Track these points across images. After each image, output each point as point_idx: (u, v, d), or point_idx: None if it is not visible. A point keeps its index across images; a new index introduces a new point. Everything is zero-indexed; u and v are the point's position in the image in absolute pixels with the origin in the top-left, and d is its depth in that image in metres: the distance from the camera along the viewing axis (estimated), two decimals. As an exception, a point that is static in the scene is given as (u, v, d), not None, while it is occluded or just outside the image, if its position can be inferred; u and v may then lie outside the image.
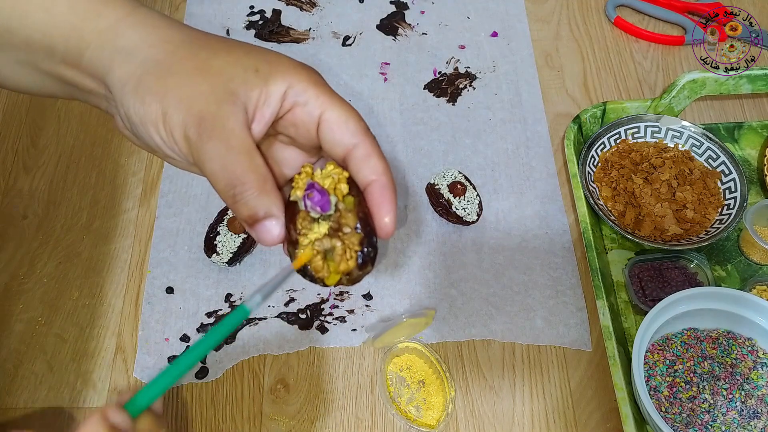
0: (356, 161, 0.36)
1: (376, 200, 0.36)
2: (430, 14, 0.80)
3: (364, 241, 0.35)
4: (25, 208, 0.67)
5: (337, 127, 0.36)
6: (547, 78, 0.75)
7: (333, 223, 0.36)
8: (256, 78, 0.35)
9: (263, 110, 0.35)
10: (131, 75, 0.35)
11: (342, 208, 0.36)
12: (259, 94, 0.35)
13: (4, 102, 0.74)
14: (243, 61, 0.36)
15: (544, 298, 0.62)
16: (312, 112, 0.36)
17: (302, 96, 0.36)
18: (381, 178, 0.36)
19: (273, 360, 0.59)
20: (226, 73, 0.35)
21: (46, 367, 0.59)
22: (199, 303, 0.61)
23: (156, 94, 0.34)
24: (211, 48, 0.36)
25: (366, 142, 0.36)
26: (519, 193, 0.67)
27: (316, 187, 0.36)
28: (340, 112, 0.36)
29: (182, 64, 0.35)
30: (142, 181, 0.68)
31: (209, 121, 0.34)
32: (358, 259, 0.35)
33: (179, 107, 0.34)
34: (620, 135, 0.68)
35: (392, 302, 0.61)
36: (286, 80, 0.36)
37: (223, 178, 0.34)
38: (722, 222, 0.63)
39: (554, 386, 0.58)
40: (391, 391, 0.57)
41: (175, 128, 0.34)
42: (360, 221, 0.36)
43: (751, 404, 0.54)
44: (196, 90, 0.34)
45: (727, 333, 0.57)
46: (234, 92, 0.35)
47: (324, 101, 0.36)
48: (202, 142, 0.34)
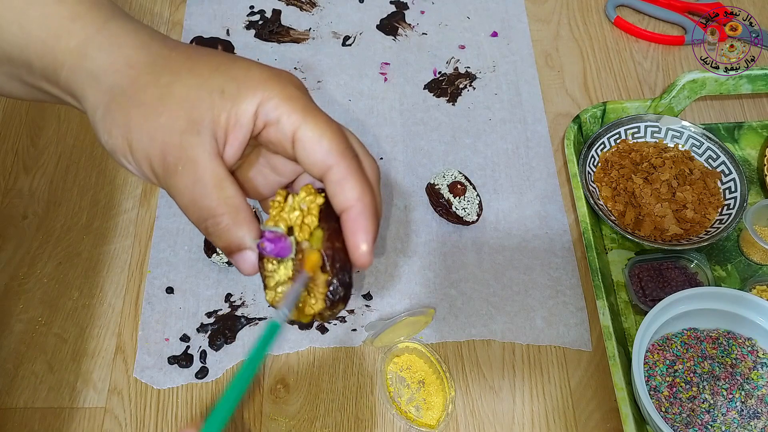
0: (331, 185, 0.34)
1: (350, 228, 0.34)
2: (430, 14, 0.80)
3: (332, 280, 0.33)
4: (25, 208, 0.67)
5: (311, 147, 0.33)
6: (547, 78, 0.75)
7: (297, 263, 0.34)
8: (222, 101, 0.33)
9: (235, 132, 0.33)
10: (99, 103, 0.33)
11: (306, 247, 0.34)
12: (228, 117, 0.33)
13: (4, 102, 0.74)
14: (208, 84, 0.33)
15: (544, 298, 0.62)
16: (284, 130, 0.33)
17: (273, 113, 0.33)
18: (357, 204, 0.34)
19: (273, 360, 0.59)
20: (188, 100, 0.33)
21: (46, 367, 0.59)
22: (199, 303, 0.61)
23: (121, 126, 0.33)
24: (173, 70, 0.33)
25: (341, 164, 0.33)
26: (519, 193, 0.67)
27: (267, 237, 0.34)
28: (314, 129, 0.33)
29: (144, 93, 0.33)
30: (142, 181, 0.68)
31: (173, 154, 0.32)
32: (326, 302, 0.33)
33: (142, 140, 0.32)
34: (620, 135, 0.68)
35: (392, 302, 0.61)
36: (256, 97, 0.33)
37: (194, 212, 0.33)
38: (722, 222, 0.63)
39: (554, 386, 0.58)
40: (391, 391, 0.57)
41: (141, 161, 0.33)
42: (328, 257, 0.33)
43: (751, 404, 0.54)
44: (157, 122, 0.32)
45: (727, 333, 0.57)
46: (197, 121, 0.32)
47: (296, 118, 0.33)
48: (168, 177, 0.33)
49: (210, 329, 0.60)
